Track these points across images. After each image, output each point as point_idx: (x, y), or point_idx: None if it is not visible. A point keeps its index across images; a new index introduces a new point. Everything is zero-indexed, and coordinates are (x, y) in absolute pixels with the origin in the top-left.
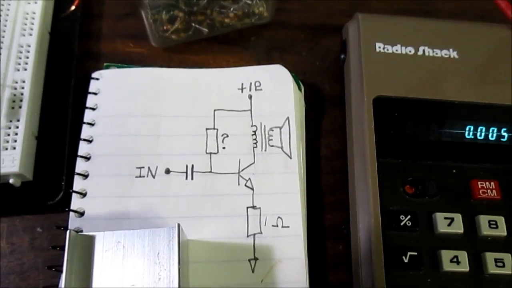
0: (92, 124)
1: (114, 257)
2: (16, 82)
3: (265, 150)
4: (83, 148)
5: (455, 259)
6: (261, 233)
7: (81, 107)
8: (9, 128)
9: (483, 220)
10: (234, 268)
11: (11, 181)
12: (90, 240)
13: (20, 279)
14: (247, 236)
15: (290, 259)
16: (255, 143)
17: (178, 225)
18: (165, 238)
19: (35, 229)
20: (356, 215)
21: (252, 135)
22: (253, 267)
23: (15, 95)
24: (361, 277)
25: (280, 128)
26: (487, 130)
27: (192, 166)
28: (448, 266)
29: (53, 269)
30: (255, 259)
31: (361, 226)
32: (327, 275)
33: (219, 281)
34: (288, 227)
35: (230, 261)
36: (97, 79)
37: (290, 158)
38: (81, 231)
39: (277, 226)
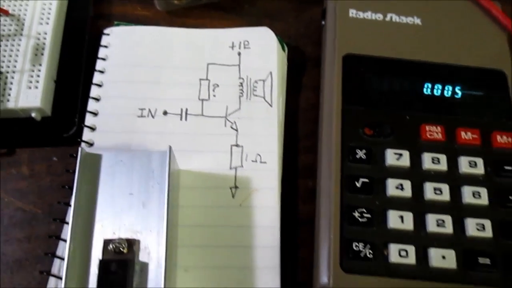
0: (102, 72)
1: (116, 171)
2: (39, 34)
3: (250, 99)
4: (94, 91)
5: (400, 187)
6: (242, 166)
7: (93, 58)
8: (33, 71)
9: (427, 157)
10: (218, 194)
11: (33, 115)
12: (97, 158)
13: (37, 198)
14: (230, 168)
15: (265, 189)
16: (241, 93)
17: (170, 147)
18: (159, 158)
19: (52, 158)
20: (321, 151)
21: (239, 86)
22: (233, 193)
23: (38, 44)
24: (320, 199)
25: (264, 81)
26: (443, 87)
27: (186, 109)
28: (394, 192)
29: (66, 187)
30: (236, 187)
31: (323, 158)
32: (297, 205)
33: (204, 203)
34: (265, 162)
35: (214, 188)
36: (108, 34)
37: (271, 106)
38: None
39: (256, 161)
